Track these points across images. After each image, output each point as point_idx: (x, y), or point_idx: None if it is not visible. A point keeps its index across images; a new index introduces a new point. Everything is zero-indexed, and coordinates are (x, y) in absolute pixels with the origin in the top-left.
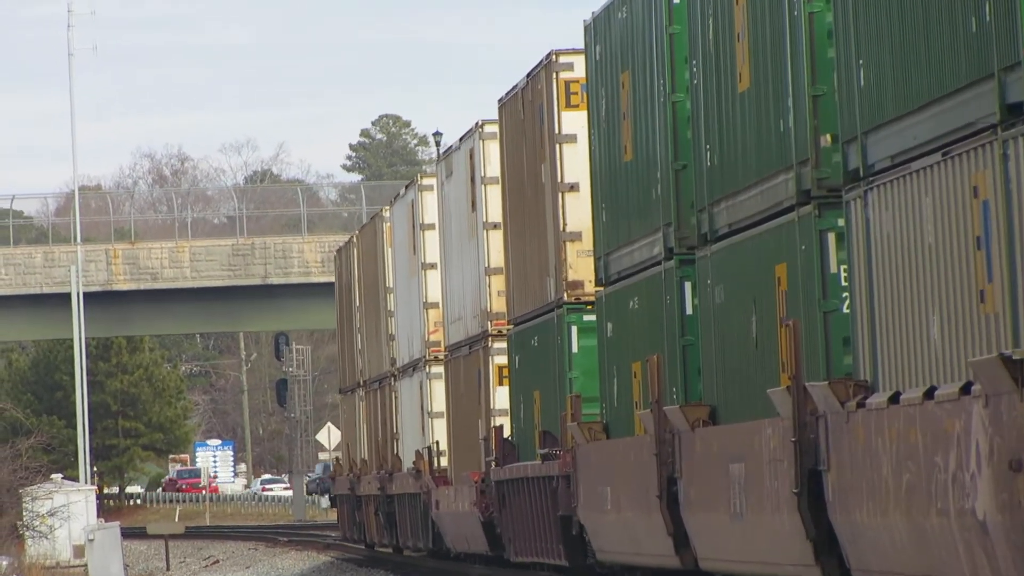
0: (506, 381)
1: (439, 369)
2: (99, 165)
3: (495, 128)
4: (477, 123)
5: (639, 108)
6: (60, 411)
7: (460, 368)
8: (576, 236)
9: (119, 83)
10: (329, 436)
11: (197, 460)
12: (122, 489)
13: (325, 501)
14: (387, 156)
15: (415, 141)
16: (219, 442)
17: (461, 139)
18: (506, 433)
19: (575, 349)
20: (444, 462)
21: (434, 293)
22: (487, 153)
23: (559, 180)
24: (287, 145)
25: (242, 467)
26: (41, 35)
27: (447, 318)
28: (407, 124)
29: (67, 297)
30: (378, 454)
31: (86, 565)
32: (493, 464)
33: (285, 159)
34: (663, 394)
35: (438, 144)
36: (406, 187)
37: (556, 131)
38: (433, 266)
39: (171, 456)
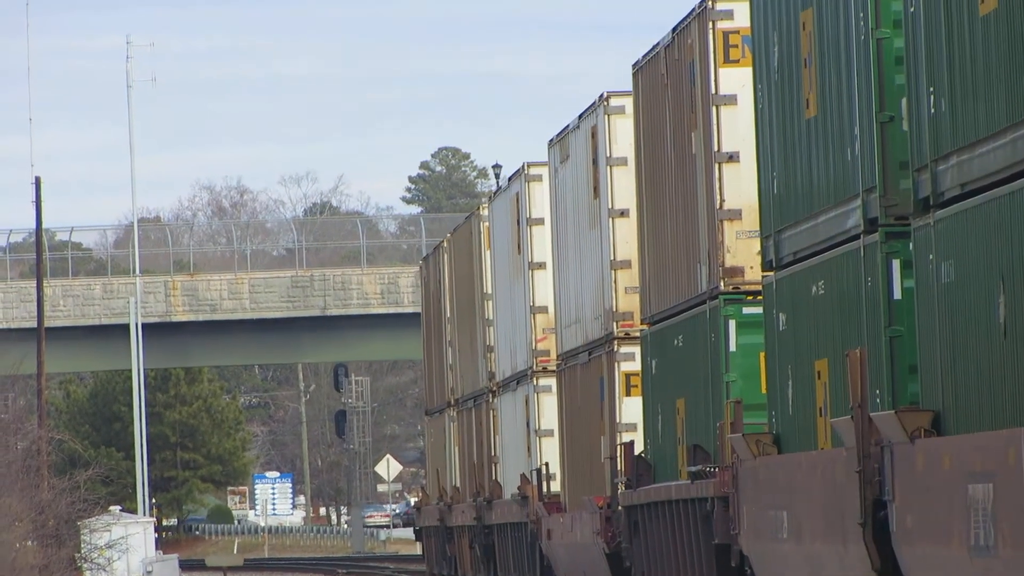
0: (635, 391)
1: (549, 381)
2: (159, 197)
3: (623, 101)
4: (601, 96)
5: (827, 52)
6: (118, 443)
7: (576, 378)
8: (735, 214)
9: (178, 115)
10: (388, 468)
11: (256, 492)
12: (181, 521)
13: (384, 534)
14: (446, 188)
15: (474, 173)
16: (277, 474)
17: (580, 116)
18: (638, 450)
19: (733, 348)
20: (556, 486)
21: (543, 296)
22: (613, 130)
23: (715, 149)
24: (346, 177)
25: (301, 499)
26: (101, 67)
27: (560, 323)
28: (466, 156)
29: (126, 328)
30: (473, 480)
31: None
32: (622, 486)
33: (344, 191)
34: (867, 398)
35: (497, 176)
36: (509, 179)
37: (712, 91)
38: (542, 265)
39: (230, 488)
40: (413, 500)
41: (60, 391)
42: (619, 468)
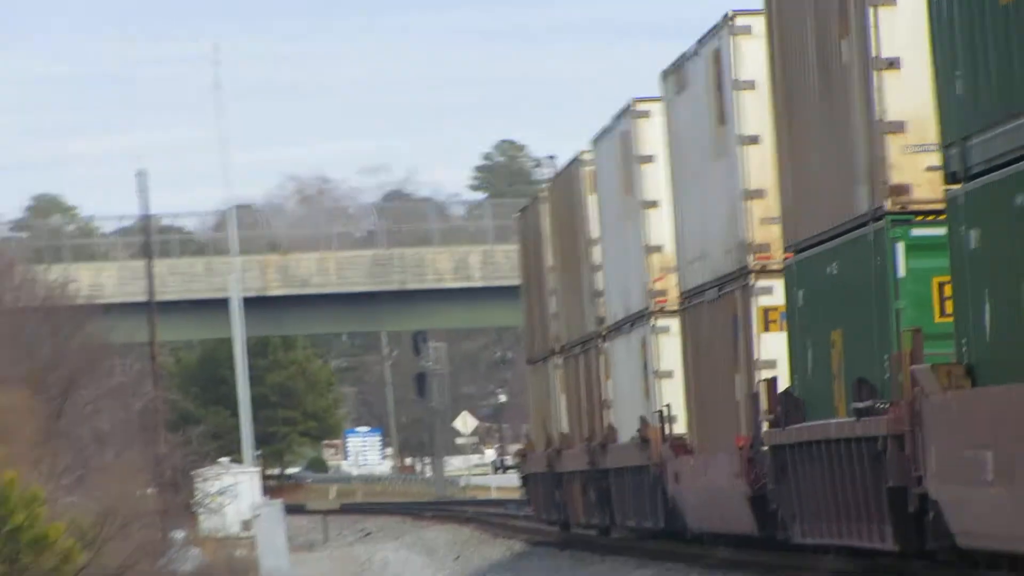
0: (774, 326)
1: (668, 322)
2: (250, 186)
3: (750, 21)
4: (726, 15)
5: None
6: (225, 402)
7: (703, 316)
8: (898, 127)
9: (265, 113)
10: (465, 423)
11: (348, 445)
12: (283, 470)
13: (463, 481)
14: (507, 176)
15: (531, 164)
16: (367, 429)
17: (700, 41)
18: (782, 387)
19: (902, 273)
20: (679, 428)
21: (658, 235)
22: (739, 52)
23: (873, 55)
24: (418, 168)
25: (388, 451)
26: (195, 69)
27: (681, 260)
28: (521, 148)
29: (226, 302)
30: (583, 425)
31: (253, 537)
32: (767, 425)
33: (416, 180)
34: None
35: (551, 167)
36: (615, 118)
37: None
38: (655, 204)
39: (325, 442)
40: (490, 451)
41: (171, 357)
42: (762, 407)
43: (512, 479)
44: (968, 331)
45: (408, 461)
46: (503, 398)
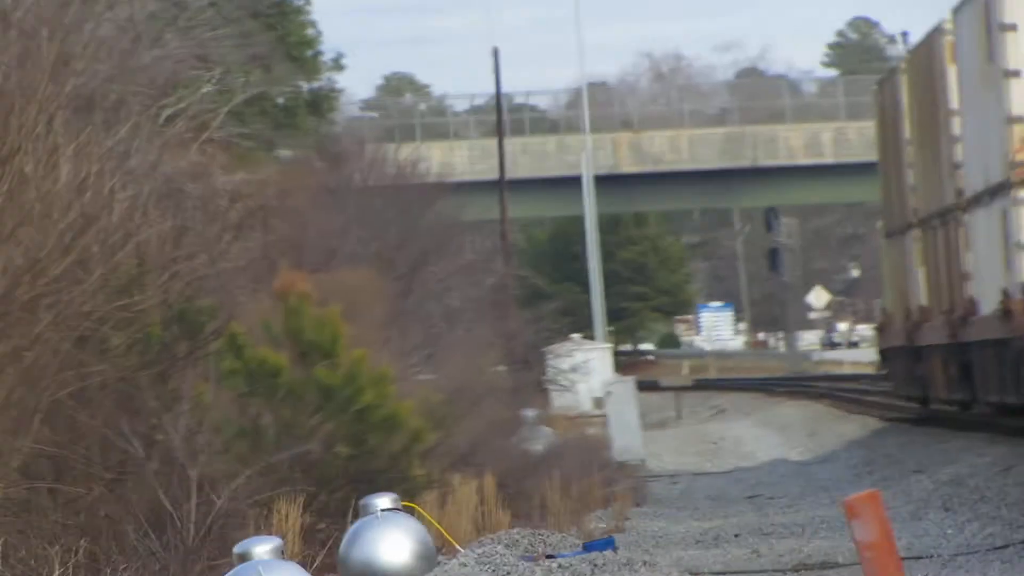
0: None
1: None
2: (604, 64)
3: None
4: None
5: None
6: (576, 278)
7: None
8: None
9: None
10: (819, 297)
11: (701, 320)
12: (635, 346)
13: (817, 355)
14: (859, 53)
15: (884, 41)
16: (720, 304)
17: None
18: None
19: None
20: None
21: (1020, 105)
22: None
23: None
24: (771, 45)
25: (741, 326)
26: None
27: None
28: (874, 25)
29: (578, 180)
30: (942, 298)
31: (605, 415)
32: None
33: (769, 57)
34: None
35: (905, 44)
36: None
37: None
38: (1017, 74)
39: (677, 317)
40: (843, 325)
41: (522, 234)
42: None
43: (864, 354)
44: None
45: (761, 336)
46: (855, 273)
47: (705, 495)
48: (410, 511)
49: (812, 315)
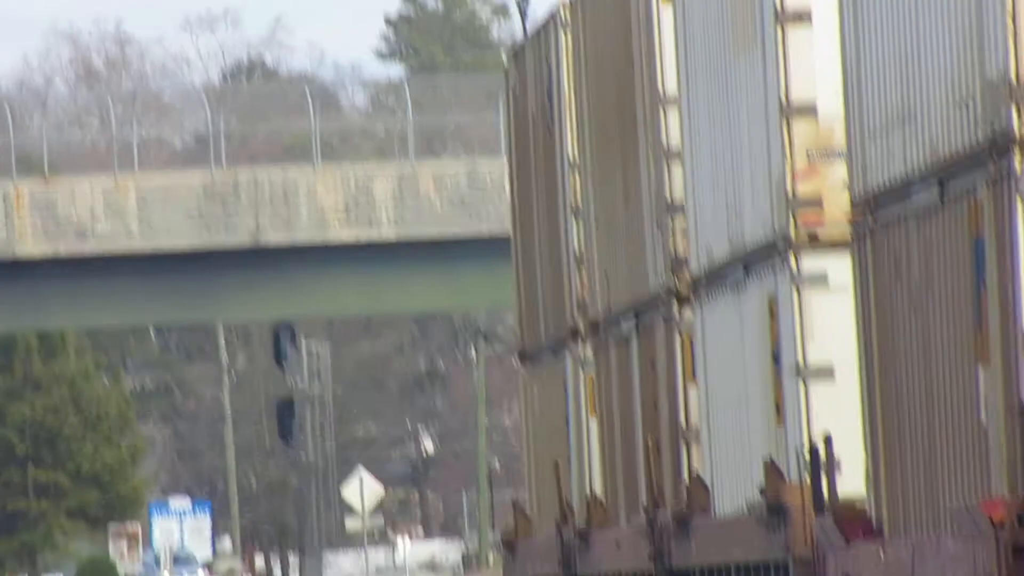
0: None
1: (823, 262)
2: None
3: None
4: None
5: None
6: None
7: (902, 243)
8: None
9: None
10: (363, 491)
11: (154, 532)
12: None
13: None
14: (444, 36)
15: (489, 9)
16: (189, 502)
17: None
18: None
19: None
20: (849, 484)
21: (806, 85)
22: None
23: None
24: (286, 20)
25: (226, 542)
26: None
27: (859, 131)
28: None
29: None
30: (637, 480)
31: None
32: None
33: (284, 41)
34: None
35: (523, 15)
36: None
37: None
38: (802, 18)
39: (112, 527)
40: (405, 541)
41: None
42: None
43: None
44: None
45: (259, 561)
46: (428, 446)
47: None
48: None
49: (352, 524)
